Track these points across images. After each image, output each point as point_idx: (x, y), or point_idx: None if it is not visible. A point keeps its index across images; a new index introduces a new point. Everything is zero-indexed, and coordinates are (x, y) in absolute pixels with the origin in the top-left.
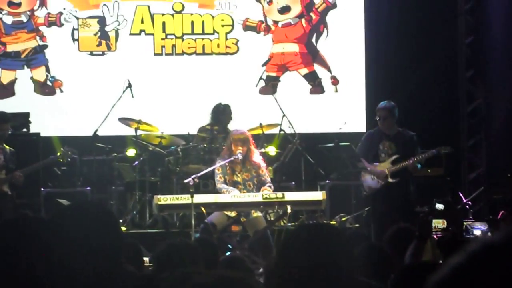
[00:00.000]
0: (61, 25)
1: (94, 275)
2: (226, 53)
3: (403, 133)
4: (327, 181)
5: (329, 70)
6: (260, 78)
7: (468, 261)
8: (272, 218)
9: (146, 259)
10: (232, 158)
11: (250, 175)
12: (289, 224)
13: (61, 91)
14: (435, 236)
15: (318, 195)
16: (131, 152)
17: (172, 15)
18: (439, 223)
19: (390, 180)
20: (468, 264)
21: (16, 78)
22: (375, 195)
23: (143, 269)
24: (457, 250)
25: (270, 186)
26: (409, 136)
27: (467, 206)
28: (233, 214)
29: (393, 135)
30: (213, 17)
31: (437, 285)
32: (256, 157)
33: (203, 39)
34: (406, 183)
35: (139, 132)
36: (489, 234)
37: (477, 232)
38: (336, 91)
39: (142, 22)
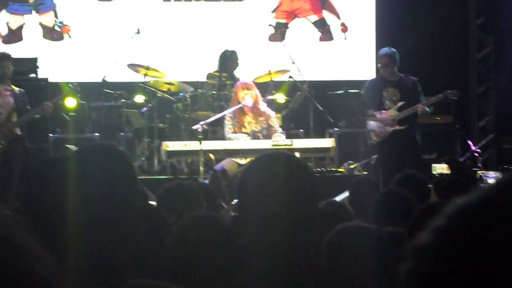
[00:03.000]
0: None
1: (108, 214)
2: (235, 0)
3: (406, 79)
4: (336, 129)
5: (338, 17)
6: (269, 25)
7: (447, 224)
8: None
9: (153, 203)
10: (241, 105)
11: (259, 127)
12: None
13: (69, 37)
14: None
15: (327, 142)
16: (139, 98)
17: None
18: (443, 169)
19: (397, 127)
20: (448, 227)
21: (24, 23)
22: (382, 143)
23: None
24: (454, 194)
25: (282, 133)
26: (412, 82)
27: (476, 154)
28: (243, 161)
29: (396, 82)
30: None
31: (419, 251)
32: (264, 107)
33: None
34: (413, 130)
35: (147, 79)
36: None
37: (491, 181)
38: (345, 38)
39: None
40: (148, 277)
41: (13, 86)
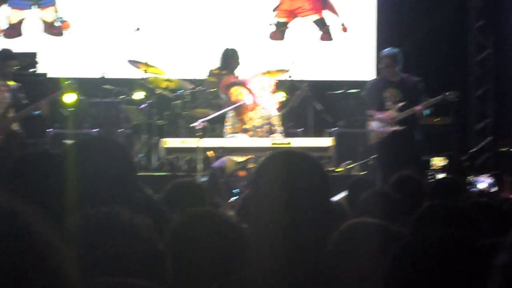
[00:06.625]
0: None
1: (113, 201)
2: None
3: (407, 79)
4: (335, 128)
5: (338, 16)
6: (270, 24)
7: None
8: None
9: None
10: (239, 104)
11: (262, 122)
12: None
13: (69, 32)
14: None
15: (325, 141)
16: (138, 95)
17: None
18: (439, 161)
19: (396, 127)
20: None
21: (24, 18)
22: (381, 143)
23: None
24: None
25: (281, 133)
26: (413, 83)
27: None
28: (242, 159)
29: (397, 82)
30: None
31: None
32: (265, 102)
33: None
34: (412, 131)
35: (147, 75)
36: (495, 188)
37: (481, 186)
38: (345, 38)
39: None
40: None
41: (9, 82)
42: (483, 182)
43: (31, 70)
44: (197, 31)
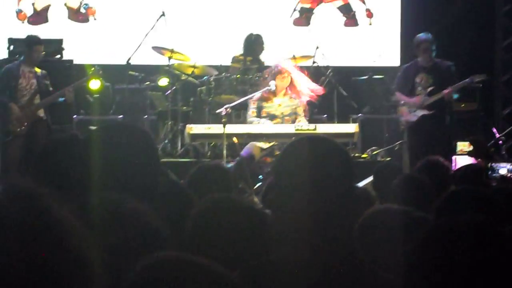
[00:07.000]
0: None
1: (137, 187)
2: None
3: (440, 64)
4: (360, 115)
5: (363, 2)
6: (294, 9)
7: None
8: None
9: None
10: (265, 89)
11: (289, 111)
12: None
13: (95, 19)
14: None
15: (350, 127)
16: (163, 81)
17: None
18: (465, 146)
19: (426, 112)
20: None
21: (49, 5)
22: (411, 128)
23: None
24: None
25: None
26: (446, 67)
27: (500, 142)
28: (266, 145)
29: (430, 67)
30: None
31: None
32: (304, 98)
33: None
34: (443, 115)
35: (172, 61)
36: None
37: (503, 171)
38: (371, 24)
39: None
40: None
41: (36, 69)
42: (504, 168)
43: (57, 56)
44: (222, 17)
